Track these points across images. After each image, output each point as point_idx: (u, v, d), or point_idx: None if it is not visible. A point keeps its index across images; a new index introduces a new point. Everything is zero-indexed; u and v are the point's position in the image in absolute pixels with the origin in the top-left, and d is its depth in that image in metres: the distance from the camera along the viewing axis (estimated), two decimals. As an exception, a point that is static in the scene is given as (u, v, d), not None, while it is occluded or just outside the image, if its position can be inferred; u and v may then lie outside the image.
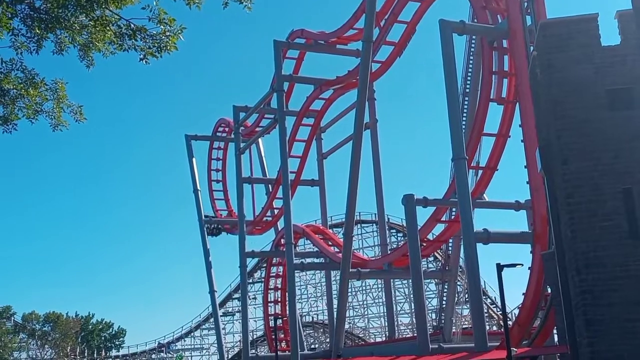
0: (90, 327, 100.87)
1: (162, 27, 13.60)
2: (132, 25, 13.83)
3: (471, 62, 44.09)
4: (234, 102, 62.72)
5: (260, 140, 66.20)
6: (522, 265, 28.53)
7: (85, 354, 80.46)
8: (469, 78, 43.73)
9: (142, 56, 13.97)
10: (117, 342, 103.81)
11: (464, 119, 41.34)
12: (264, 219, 64.73)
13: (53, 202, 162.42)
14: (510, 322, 35.59)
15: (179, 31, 13.70)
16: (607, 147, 22.34)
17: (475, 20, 39.11)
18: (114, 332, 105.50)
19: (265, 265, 69.77)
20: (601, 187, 22.05)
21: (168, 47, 13.80)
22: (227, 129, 70.31)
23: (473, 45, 43.70)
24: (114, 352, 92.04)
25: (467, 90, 42.82)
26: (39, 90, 14.92)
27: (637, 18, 23.12)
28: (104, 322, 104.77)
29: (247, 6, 13.81)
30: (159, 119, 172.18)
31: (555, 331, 31.55)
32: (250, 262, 68.89)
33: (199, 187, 68.98)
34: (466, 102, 42.85)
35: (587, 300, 21.29)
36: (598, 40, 23.47)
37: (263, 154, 67.98)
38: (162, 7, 13.56)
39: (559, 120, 23.31)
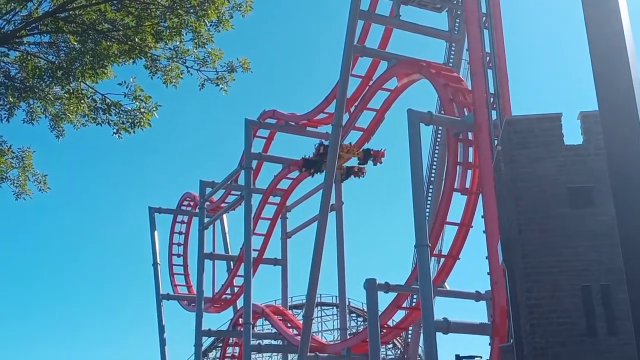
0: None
1: (137, 103, 13.75)
2: (107, 100, 13.95)
3: (437, 152, 45.09)
4: (201, 177, 62.82)
5: (224, 216, 66.03)
6: (481, 357, 28.48)
7: None
8: (434, 167, 44.61)
9: (115, 130, 14.06)
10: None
11: (428, 206, 41.90)
12: (223, 296, 63.85)
13: (9, 268, 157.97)
14: (467, 416, 35.14)
15: (154, 108, 13.89)
16: (568, 244, 22.71)
17: (443, 112, 40.16)
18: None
19: (221, 344, 68.30)
20: (560, 284, 22.29)
21: (142, 124, 13.94)
22: (192, 203, 70.05)
23: (439, 136, 44.77)
24: None
25: (432, 179, 43.60)
26: (4, 158, 14.85)
27: (600, 120, 23.95)
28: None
29: (223, 89, 14.08)
30: (124, 189, 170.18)
31: None
32: (206, 341, 67.40)
33: (158, 261, 68.07)
34: (430, 191, 43.52)
35: (545, 397, 21.19)
36: (561, 138, 24.21)
37: (227, 230, 67.68)
38: (138, 83, 13.75)
39: (520, 215, 23.72)
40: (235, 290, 62.03)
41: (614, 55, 9.10)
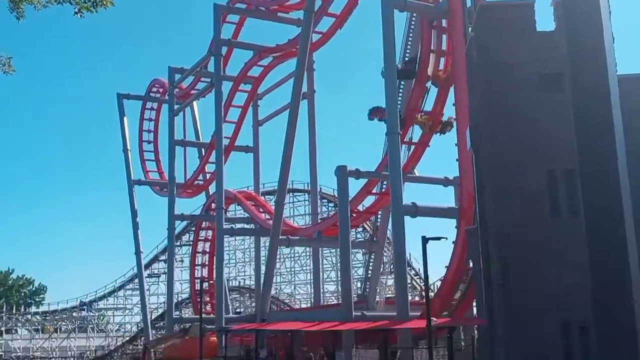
0: (9, 282, 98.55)
1: (99, -19, 13.36)
2: (66, -23, 13.49)
3: (410, 39, 44.73)
4: (170, 63, 61.88)
5: (195, 103, 65.62)
6: (447, 238, 29.49)
7: (4, 310, 78.60)
8: (407, 55, 44.37)
9: (76, 10, 13.61)
10: (37, 299, 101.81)
11: (400, 94, 42.03)
12: (195, 182, 64.41)
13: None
14: (432, 294, 36.88)
15: (117, -14, 13.49)
16: (535, 128, 23.32)
17: None
18: (34, 289, 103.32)
19: (194, 228, 69.55)
20: (526, 167, 23.06)
21: (104, 3, 13.54)
22: (161, 90, 69.21)
23: (413, 23, 44.28)
24: (33, 309, 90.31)
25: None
26: (-35, 40, 14.50)
27: (572, 7, 24.07)
28: (24, 278, 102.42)
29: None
30: (90, 75, 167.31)
31: (474, 304, 32.85)
32: (179, 225, 68.60)
33: (129, 147, 67.86)
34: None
35: (506, 275, 22.31)
36: (533, 25, 24.37)
37: (197, 118, 67.43)
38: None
39: (490, 100, 24.21)
40: (207, 177, 62.53)
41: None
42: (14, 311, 79.44)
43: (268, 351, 41.84)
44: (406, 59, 40.36)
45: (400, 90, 42.60)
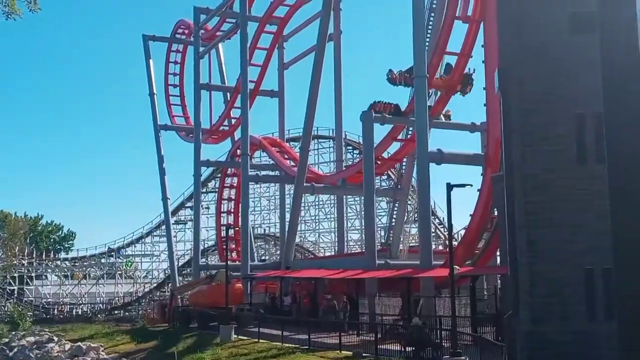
0: (39, 228, 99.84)
1: None
2: None
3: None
4: (195, 3, 60.62)
5: (220, 46, 64.62)
6: (472, 185, 28.51)
7: (34, 255, 79.79)
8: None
9: None
10: (66, 245, 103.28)
11: (428, 36, 40.61)
12: (221, 128, 63.94)
13: (3, 94, 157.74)
14: (455, 242, 36.18)
15: None
16: (564, 72, 22.07)
17: None
18: (63, 235, 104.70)
19: (219, 175, 69.31)
20: (555, 111, 21.89)
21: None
22: (186, 32, 68.16)
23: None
24: (62, 255, 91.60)
25: (434, 6, 41.91)
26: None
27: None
28: (53, 224, 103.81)
29: None
30: (115, 14, 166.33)
31: (498, 253, 32.08)
32: (205, 172, 68.32)
33: (155, 91, 67.39)
34: (432, 19, 42.00)
35: (530, 222, 21.44)
36: (566, -41, 22.84)
37: (223, 61, 66.49)
38: None
39: (519, 41, 22.94)
40: (233, 122, 61.96)
41: None
42: (43, 257, 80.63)
43: (292, 298, 41.81)
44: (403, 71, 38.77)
45: (429, 30, 41.14)
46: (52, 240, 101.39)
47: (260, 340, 33.79)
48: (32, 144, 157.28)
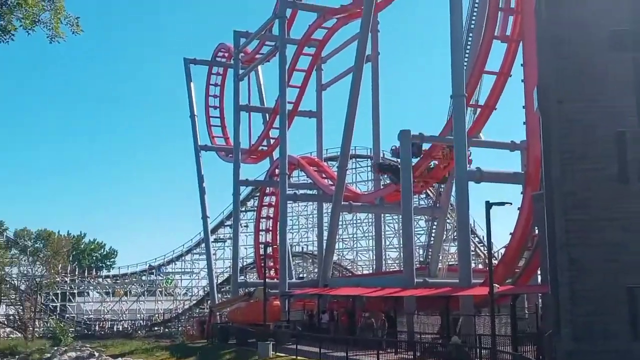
0: (82, 246, 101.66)
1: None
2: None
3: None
4: (235, 27, 61.87)
5: (259, 68, 65.56)
6: (512, 204, 28.55)
7: (76, 273, 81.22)
8: (474, 14, 42.92)
9: None
10: (108, 263, 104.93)
11: (466, 56, 40.79)
12: (260, 148, 64.67)
13: (48, 116, 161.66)
14: (495, 261, 36.03)
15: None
16: (604, 89, 22.06)
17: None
18: (105, 253, 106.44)
19: (258, 194, 70.00)
20: (595, 129, 21.85)
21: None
22: (226, 55, 69.42)
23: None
24: (104, 272, 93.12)
25: (472, 26, 42.12)
26: (36, 0, 14.55)
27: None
28: (95, 242, 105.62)
29: None
30: (157, 39, 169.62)
31: (539, 272, 31.88)
32: (244, 191, 69.20)
33: (195, 113, 68.63)
34: (470, 39, 42.21)
35: (571, 240, 21.36)
36: (605, -22, 22.92)
37: (262, 83, 67.44)
38: None
39: (559, 59, 22.98)
40: (272, 142, 62.66)
41: None
42: (85, 274, 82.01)
43: (330, 316, 41.90)
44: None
45: (468, 49, 41.30)
46: (94, 258, 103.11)
47: (298, 358, 33.89)
48: (77, 167, 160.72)
